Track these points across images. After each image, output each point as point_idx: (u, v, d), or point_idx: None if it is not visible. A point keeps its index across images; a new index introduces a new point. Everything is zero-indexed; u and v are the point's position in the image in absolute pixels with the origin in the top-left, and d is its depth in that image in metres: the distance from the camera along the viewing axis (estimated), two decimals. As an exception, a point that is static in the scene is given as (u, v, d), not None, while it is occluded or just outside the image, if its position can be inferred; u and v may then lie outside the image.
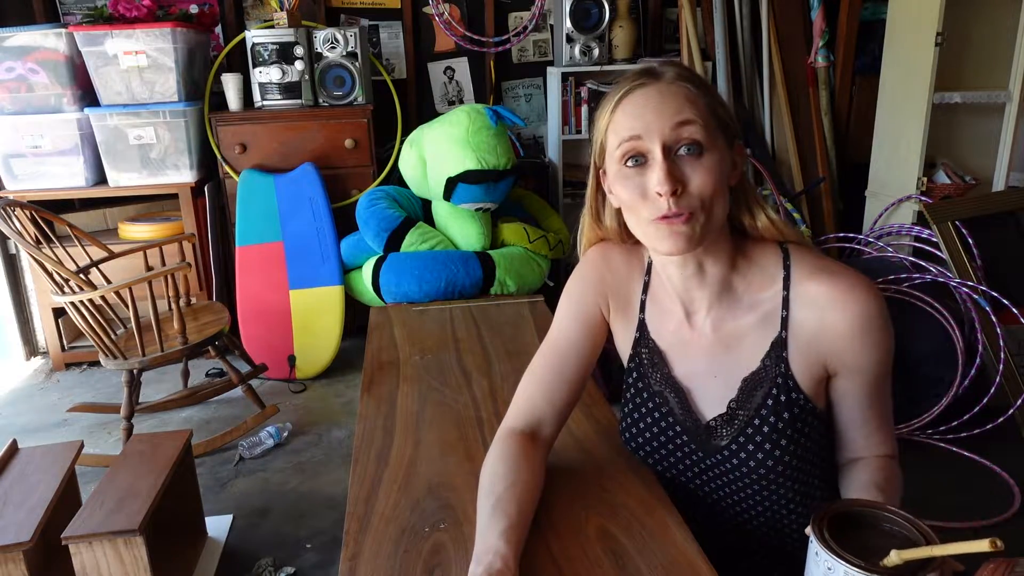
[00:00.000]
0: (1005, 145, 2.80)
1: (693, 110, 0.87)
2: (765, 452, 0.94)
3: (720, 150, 0.89)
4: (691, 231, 0.87)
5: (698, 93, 0.88)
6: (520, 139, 3.76)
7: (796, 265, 0.94)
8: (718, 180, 0.87)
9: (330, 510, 2.19)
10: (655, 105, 0.87)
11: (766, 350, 0.94)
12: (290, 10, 3.10)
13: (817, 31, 3.32)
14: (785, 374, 0.93)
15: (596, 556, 0.89)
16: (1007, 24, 2.72)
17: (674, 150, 0.87)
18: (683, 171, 0.87)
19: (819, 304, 0.91)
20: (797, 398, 0.93)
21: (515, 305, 1.81)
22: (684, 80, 0.89)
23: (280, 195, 3.07)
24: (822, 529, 0.73)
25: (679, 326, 1.01)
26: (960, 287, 2.45)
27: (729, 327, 0.97)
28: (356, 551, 0.91)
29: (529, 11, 3.59)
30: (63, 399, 2.96)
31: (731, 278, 0.97)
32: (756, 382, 0.95)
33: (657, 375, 1.02)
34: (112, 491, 1.68)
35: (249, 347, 2.99)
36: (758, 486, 0.97)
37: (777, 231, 0.96)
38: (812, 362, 0.93)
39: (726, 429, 0.97)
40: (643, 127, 0.87)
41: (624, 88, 0.91)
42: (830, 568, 0.71)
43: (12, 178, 3.03)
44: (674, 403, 1.01)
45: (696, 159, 0.87)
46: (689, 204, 0.86)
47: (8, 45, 2.88)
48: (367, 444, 1.17)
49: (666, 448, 1.03)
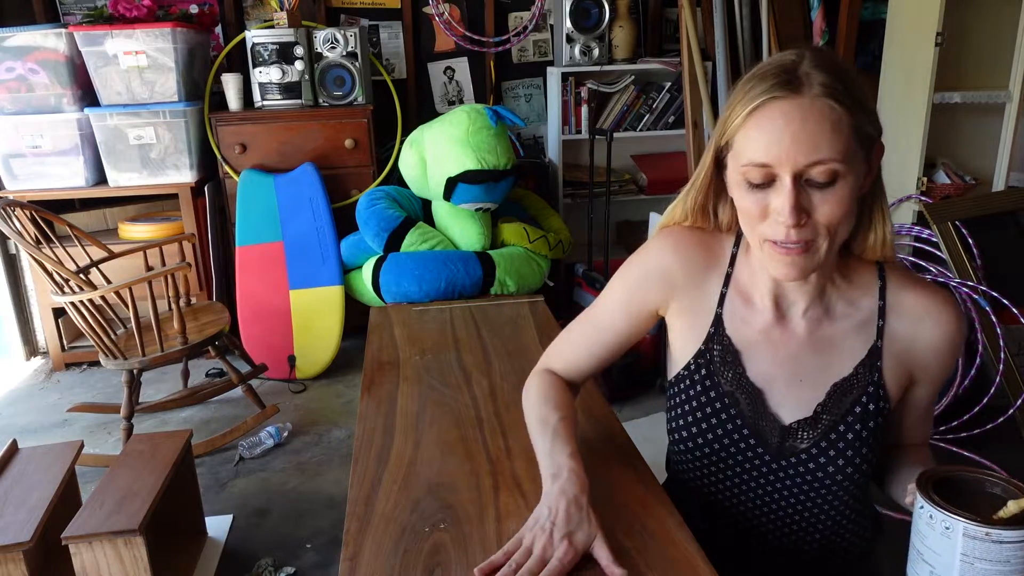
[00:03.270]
0: (1005, 145, 2.79)
1: (834, 143, 0.79)
2: (846, 459, 0.94)
3: (856, 170, 0.83)
4: (807, 262, 0.85)
5: (843, 112, 0.80)
6: (520, 139, 3.76)
7: (891, 276, 0.95)
8: (848, 209, 0.83)
9: (330, 510, 2.19)
10: (793, 132, 0.80)
11: (861, 358, 0.94)
12: (290, 10, 3.10)
13: (817, 31, 3.32)
14: (878, 383, 0.94)
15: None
16: (1007, 24, 2.72)
17: (805, 176, 0.82)
18: (811, 199, 0.82)
19: (915, 316, 0.93)
20: (884, 407, 0.94)
21: (515, 305, 1.81)
22: (830, 96, 0.79)
23: (280, 195, 3.07)
24: (930, 494, 0.77)
25: (768, 325, 0.97)
26: (960, 287, 2.45)
27: (825, 331, 0.96)
28: (356, 551, 0.91)
29: (529, 11, 3.59)
30: (63, 399, 2.96)
31: (829, 284, 0.96)
32: (847, 388, 0.94)
33: (729, 374, 0.98)
34: (112, 491, 1.68)
35: (249, 347, 2.99)
36: (826, 491, 0.96)
37: (881, 253, 0.93)
38: (902, 372, 0.95)
39: (808, 432, 0.95)
40: (776, 156, 0.81)
41: (763, 95, 0.82)
42: (948, 527, 0.74)
43: (12, 178, 3.03)
44: (745, 405, 0.97)
45: (828, 188, 0.81)
46: (812, 233, 0.83)
47: (8, 45, 2.88)
48: (367, 444, 1.17)
49: (727, 451, 0.98)
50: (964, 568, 0.74)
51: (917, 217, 2.82)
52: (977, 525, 0.72)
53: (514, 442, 1.15)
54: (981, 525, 0.72)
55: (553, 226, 3.18)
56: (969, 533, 0.73)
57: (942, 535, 0.75)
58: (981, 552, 0.72)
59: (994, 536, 0.72)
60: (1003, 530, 0.72)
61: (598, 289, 3.21)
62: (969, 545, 0.73)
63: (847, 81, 0.82)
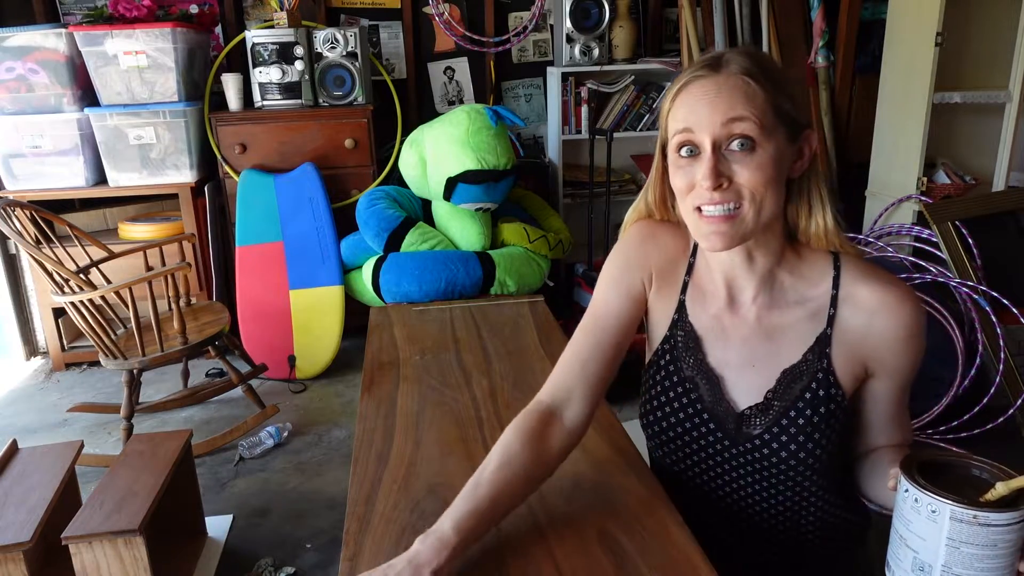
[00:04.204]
0: (1005, 145, 2.79)
1: (747, 106, 0.86)
2: (798, 444, 0.95)
3: (777, 144, 0.88)
4: (732, 230, 0.89)
5: (758, 87, 0.87)
6: (520, 139, 3.76)
7: (846, 267, 0.96)
8: (769, 176, 0.88)
9: (330, 510, 2.19)
10: (710, 99, 0.87)
11: (810, 344, 0.96)
12: (290, 10, 3.10)
13: (817, 31, 3.32)
14: (827, 369, 0.95)
15: (596, 556, 0.89)
16: (1007, 24, 2.72)
17: (725, 145, 0.87)
18: (731, 166, 0.87)
19: (868, 307, 0.94)
20: (835, 394, 0.95)
21: (515, 305, 1.81)
22: (746, 73, 0.87)
23: (280, 195, 3.07)
24: (915, 477, 0.75)
25: (721, 311, 1.00)
26: (960, 287, 2.45)
27: (774, 318, 0.98)
28: (356, 551, 0.91)
29: (529, 11, 3.59)
30: (63, 399, 2.96)
31: (779, 271, 0.98)
32: (796, 374, 0.96)
33: (691, 360, 1.02)
34: (112, 491, 1.68)
35: (249, 347, 2.99)
36: (784, 476, 0.98)
37: (827, 241, 0.95)
38: (854, 362, 0.96)
39: (760, 418, 0.97)
40: (695, 121, 0.88)
41: (686, 77, 0.91)
42: (935, 511, 0.72)
43: (12, 178, 3.03)
44: (705, 390, 1.00)
45: (747, 154, 0.87)
46: (736, 197, 0.88)
47: (8, 45, 2.88)
48: (367, 444, 1.17)
49: (690, 435, 1.02)
50: (950, 553, 0.72)
51: (917, 217, 2.82)
52: (965, 508, 0.70)
53: (514, 442, 1.15)
54: (969, 508, 0.70)
55: (553, 226, 3.18)
56: (956, 516, 0.71)
57: (928, 519, 0.73)
58: (968, 536, 0.71)
59: (981, 519, 0.70)
60: (991, 512, 0.70)
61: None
62: (956, 529, 0.71)
63: (766, 68, 0.90)
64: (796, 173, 0.93)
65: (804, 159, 0.93)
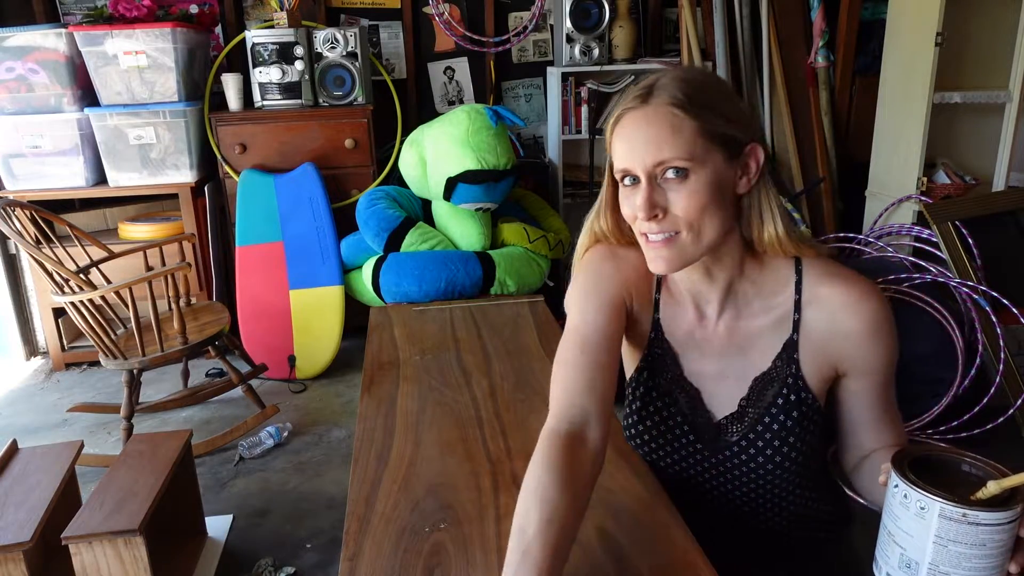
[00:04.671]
0: (1005, 145, 2.79)
1: (673, 141, 0.87)
2: (774, 448, 0.97)
3: (713, 167, 0.89)
4: (672, 254, 0.91)
5: (686, 116, 0.87)
6: (520, 139, 3.76)
7: (807, 270, 0.97)
8: (703, 202, 0.88)
9: (330, 510, 2.19)
10: (641, 136, 0.89)
11: (778, 351, 0.98)
12: (290, 10, 3.10)
13: (817, 31, 3.32)
14: (796, 375, 0.97)
15: (596, 556, 0.89)
16: (1007, 24, 2.72)
17: (660, 175, 0.89)
18: (667, 195, 0.89)
19: (830, 307, 0.95)
20: (806, 397, 0.97)
21: (515, 305, 1.81)
22: (673, 103, 0.88)
23: (280, 195, 3.07)
24: (905, 472, 0.74)
25: (692, 325, 1.02)
26: (960, 287, 2.45)
27: (742, 329, 1.00)
28: (356, 551, 0.91)
29: (529, 11, 3.59)
30: (63, 399, 2.96)
31: (740, 282, 0.99)
32: (767, 382, 0.98)
33: (668, 375, 1.04)
34: (112, 491, 1.68)
35: (249, 347, 2.99)
36: (764, 480, 1.01)
37: (783, 248, 0.95)
38: (822, 363, 0.97)
39: (736, 427, 1.00)
40: (630, 156, 0.90)
41: (619, 109, 0.92)
42: (923, 507, 0.71)
43: (12, 178, 3.03)
44: (683, 403, 1.03)
45: (680, 182, 0.88)
46: (672, 226, 0.90)
47: (8, 45, 2.88)
48: (367, 444, 1.17)
49: (671, 446, 1.05)
50: (937, 551, 0.70)
51: (917, 217, 2.82)
52: (954, 505, 0.69)
53: (514, 442, 1.15)
54: (958, 506, 0.69)
55: (553, 226, 3.18)
56: (945, 514, 0.69)
57: (916, 516, 0.71)
58: (956, 534, 0.69)
59: (971, 518, 0.69)
60: (980, 511, 0.68)
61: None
62: (944, 527, 0.70)
63: (696, 92, 0.89)
64: (744, 189, 0.93)
65: (751, 173, 0.93)
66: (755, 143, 0.93)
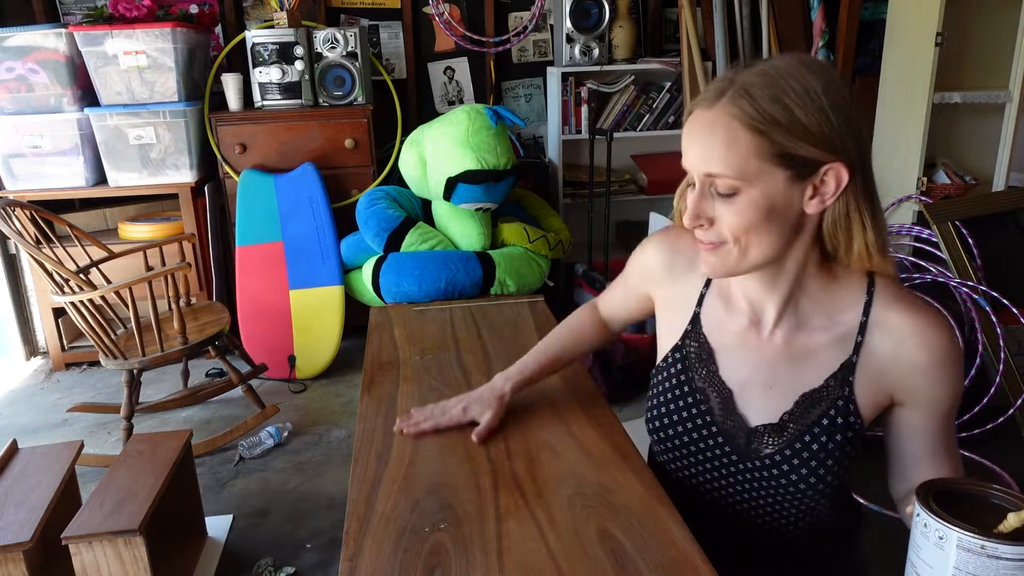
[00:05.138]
0: (1005, 145, 2.79)
1: (725, 158, 0.84)
2: (810, 468, 0.94)
3: (770, 187, 0.84)
4: (717, 262, 0.91)
5: (745, 132, 0.83)
6: (520, 139, 3.77)
7: (879, 292, 0.93)
8: (752, 221, 0.85)
9: (330, 510, 2.19)
10: (698, 142, 0.87)
11: (833, 371, 0.94)
12: (290, 10, 3.10)
13: (817, 31, 3.32)
14: (848, 397, 0.93)
15: (596, 556, 0.89)
16: (1007, 24, 2.72)
17: (708, 186, 0.87)
18: (716, 206, 0.87)
19: (899, 335, 0.91)
20: (854, 422, 0.93)
21: (515, 305, 1.81)
22: (735, 115, 0.83)
23: (280, 195, 3.07)
24: (928, 502, 0.72)
25: (745, 329, 0.99)
26: (960, 287, 2.45)
27: (799, 342, 0.96)
28: (356, 551, 0.91)
29: (529, 11, 3.59)
30: (63, 399, 2.96)
31: (803, 295, 0.95)
32: (815, 399, 0.94)
33: (703, 371, 1.02)
34: (112, 491, 1.68)
35: (249, 347, 2.99)
36: (790, 496, 0.97)
37: (869, 262, 0.90)
38: (877, 390, 0.93)
39: (773, 439, 0.96)
40: (687, 160, 0.89)
41: (691, 105, 0.90)
42: (942, 537, 0.69)
43: (12, 178, 3.03)
44: (715, 403, 1.00)
45: (728, 198, 0.86)
46: (718, 236, 0.88)
47: (8, 45, 2.88)
48: (367, 444, 1.17)
49: (696, 445, 1.02)
50: None
51: (917, 217, 2.82)
52: (972, 537, 0.67)
53: (514, 442, 1.15)
54: (977, 537, 0.67)
55: (553, 226, 3.18)
56: (963, 545, 0.67)
57: (935, 546, 0.70)
58: (975, 567, 0.67)
59: (989, 550, 0.66)
60: (1000, 544, 0.66)
61: (598, 289, 3.21)
62: (963, 558, 0.67)
63: (771, 100, 0.83)
64: (815, 209, 0.87)
65: (826, 195, 0.86)
66: (838, 163, 0.84)
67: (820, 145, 0.83)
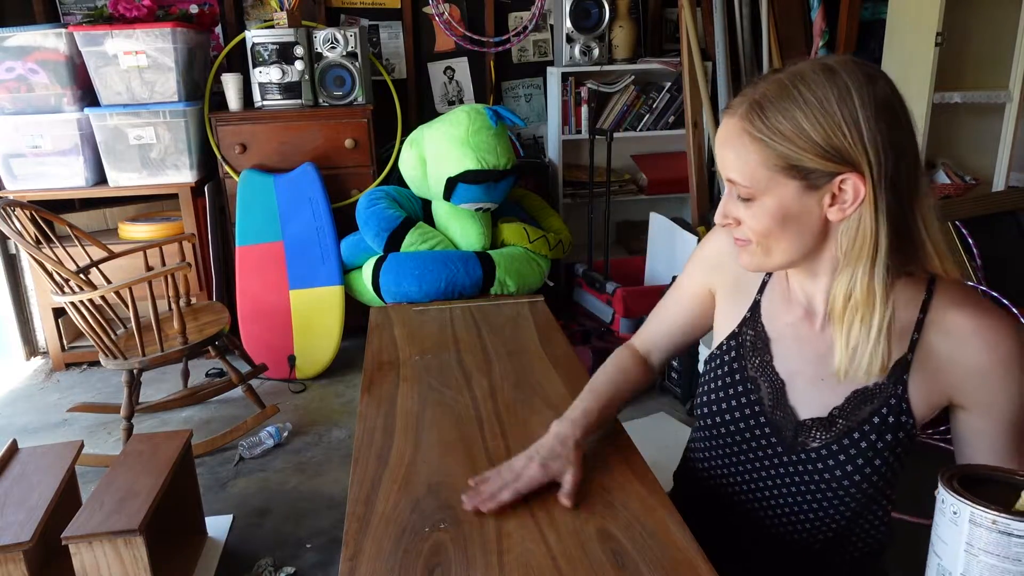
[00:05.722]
0: (1005, 145, 2.80)
1: (737, 166, 0.88)
2: (856, 466, 0.93)
3: (782, 196, 0.86)
4: (747, 257, 0.94)
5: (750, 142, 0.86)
6: (520, 139, 3.77)
7: (940, 291, 0.90)
8: (768, 226, 0.88)
9: (330, 510, 2.19)
10: (721, 149, 0.91)
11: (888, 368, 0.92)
12: (290, 10, 3.10)
13: (817, 31, 3.32)
14: (901, 396, 0.91)
15: (596, 556, 0.89)
16: (1007, 24, 2.72)
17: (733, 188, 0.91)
18: (740, 208, 0.91)
19: (959, 335, 0.88)
20: (906, 422, 0.91)
21: (515, 305, 1.81)
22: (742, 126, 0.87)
23: (280, 195, 3.07)
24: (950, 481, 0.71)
25: (799, 320, 0.99)
26: (960, 287, 2.44)
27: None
28: (356, 551, 0.91)
29: (529, 11, 3.59)
30: (63, 399, 2.96)
31: None
32: (867, 397, 0.93)
33: (757, 360, 1.01)
34: (112, 491, 1.68)
35: (249, 347, 2.99)
36: (834, 496, 0.96)
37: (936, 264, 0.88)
38: (932, 389, 0.91)
39: (821, 433, 0.95)
40: (718, 165, 0.93)
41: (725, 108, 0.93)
42: (956, 512, 0.69)
43: (12, 178, 3.03)
44: (766, 393, 1.00)
45: (747, 203, 0.89)
46: (743, 235, 0.92)
47: (8, 45, 2.88)
48: (367, 444, 1.17)
49: (742, 435, 1.01)
50: (968, 560, 0.68)
51: (917, 217, 2.82)
52: (984, 511, 0.66)
53: (514, 442, 1.15)
54: (989, 511, 0.66)
55: (553, 226, 3.18)
56: (975, 520, 0.67)
57: (950, 521, 0.69)
58: (987, 543, 0.66)
59: (1001, 525, 0.65)
60: (1012, 520, 0.65)
61: (598, 289, 3.21)
62: (975, 534, 0.67)
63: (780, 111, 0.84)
64: (838, 216, 0.86)
65: (845, 204, 0.84)
66: (853, 174, 0.82)
67: (829, 157, 0.82)
